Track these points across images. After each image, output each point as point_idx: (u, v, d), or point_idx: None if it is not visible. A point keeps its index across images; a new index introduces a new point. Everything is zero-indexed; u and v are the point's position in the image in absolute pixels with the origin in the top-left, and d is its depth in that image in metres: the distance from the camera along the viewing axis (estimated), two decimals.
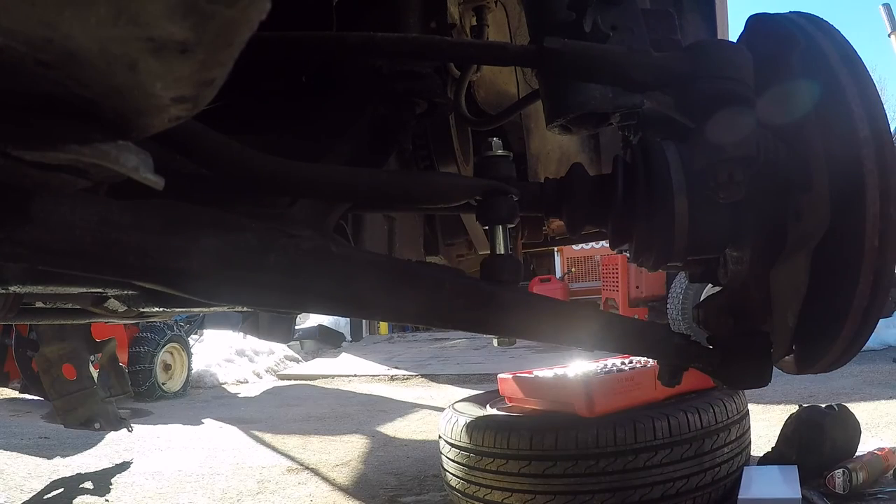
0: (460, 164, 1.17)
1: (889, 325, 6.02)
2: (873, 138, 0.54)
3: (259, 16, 0.26)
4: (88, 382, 2.54)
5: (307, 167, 0.61)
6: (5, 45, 0.25)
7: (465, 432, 2.00)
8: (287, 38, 0.69)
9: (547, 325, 0.60)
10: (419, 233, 1.33)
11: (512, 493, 1.86)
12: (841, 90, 0.55)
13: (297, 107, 0.93)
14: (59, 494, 2.68)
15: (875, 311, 0.55)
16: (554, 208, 0.72)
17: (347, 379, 6.61)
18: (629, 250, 0.71)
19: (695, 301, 5.52)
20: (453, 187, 0.66)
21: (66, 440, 3.58)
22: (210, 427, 4.25)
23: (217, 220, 0.49)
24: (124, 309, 1.05)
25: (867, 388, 4.16)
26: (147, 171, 0.34)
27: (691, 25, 1.40)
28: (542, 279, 9.27)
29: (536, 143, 1.71)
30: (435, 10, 1.01)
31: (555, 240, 2.34)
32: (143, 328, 5.50)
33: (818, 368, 0.62)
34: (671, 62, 0.62)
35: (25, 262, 0.45)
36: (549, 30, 0.64)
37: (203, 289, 0.48)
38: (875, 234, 0.53)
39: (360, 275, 0.53)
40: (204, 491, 2.74)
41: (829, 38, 0.59)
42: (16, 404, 4.81)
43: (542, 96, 0.68)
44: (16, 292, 0.73)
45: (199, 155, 0.55)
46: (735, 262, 0.68)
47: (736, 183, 0.56)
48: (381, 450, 3.39)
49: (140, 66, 0.27)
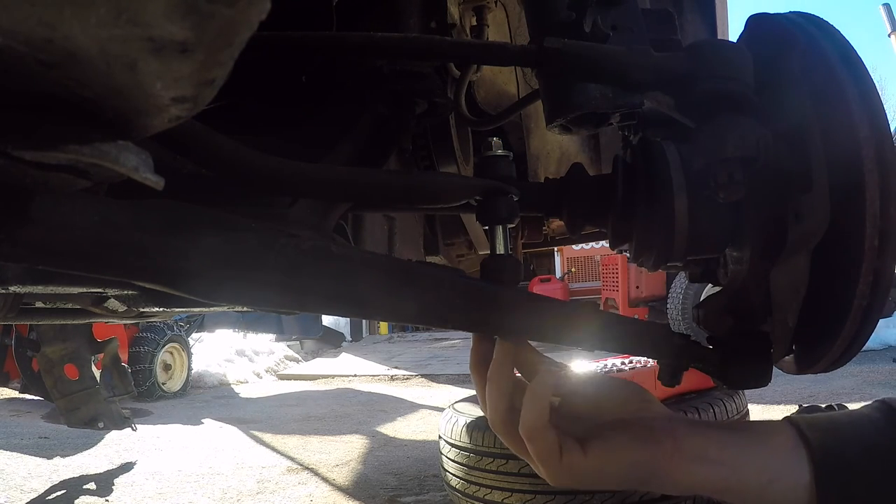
0: (460, 164, 1.17)
1: (889, 325, 6.03)
2: (873, 138, 0.54)
3: (259, 16, 0.26)
4: (91, 382, 2.54)
5: (307, 167, 0.61)
6: (5, 45, 0.25)
7: (465, 432, 2.00)
8: (287, 38, 0.69)
9: (547, 325, 0.60)
10: (419, 233, 1.34)
11: (512, 493, 1.86)
12: (841, 90, 0.55)
13: (297, 107, 0.93)
14: (61, 495, 2.69)
15: (875, 311, 0.55)
16: (554, 208, 0.71)
17: (347, 379, 6.61)
18: (629, 250, 0.71)
19: (695, 301, 5.52)
20: (453, 187, 0.66)
21: (65, 440, 3.58)
22: (210, 427, 4.25)
23: (217, 220, 0.49)
24: (124, 309, 1.05)
25: (867, 388, 4.16)
26: (147, 171, 0.34)
27: (691, 25, 1.40)
28: (542, 279, 9.28)
29: (536, 143, 1.71)
30: (435, 10, 1.01)
31: (555, 240, 2.34)
32: (143, 328, 5.51)
33: (818, 368, 0.62)
34: (671, 62, 0.62)
35: (25, 262, 0.45)
36: (549, 30, 0.64)
37: (203, 289, 0.48)
38: (875, 234, 0.53)
39: (360, 275, 0.53)
40: (204, 491, 2.74)
41: (829, 39, 0.59)
42: (16, 404, 4.81)
43: (542, 96, 0.68)
44: (16, 292, 0.73)
45: (198, 155, 0.55)
46: (735, 262, 0.68)
47: (736, 183, 0.56)
48: (381, 450, 3.39)
49: (140, 66, 0.27)
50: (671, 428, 0.55)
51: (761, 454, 0.54)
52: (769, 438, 0.55)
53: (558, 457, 0.54)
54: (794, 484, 0.52)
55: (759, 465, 0.53)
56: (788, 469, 0.53)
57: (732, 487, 0.53)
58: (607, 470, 0.54)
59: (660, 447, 0.54)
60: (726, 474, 0.53)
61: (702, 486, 0.54)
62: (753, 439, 0.55)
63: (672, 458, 0.53)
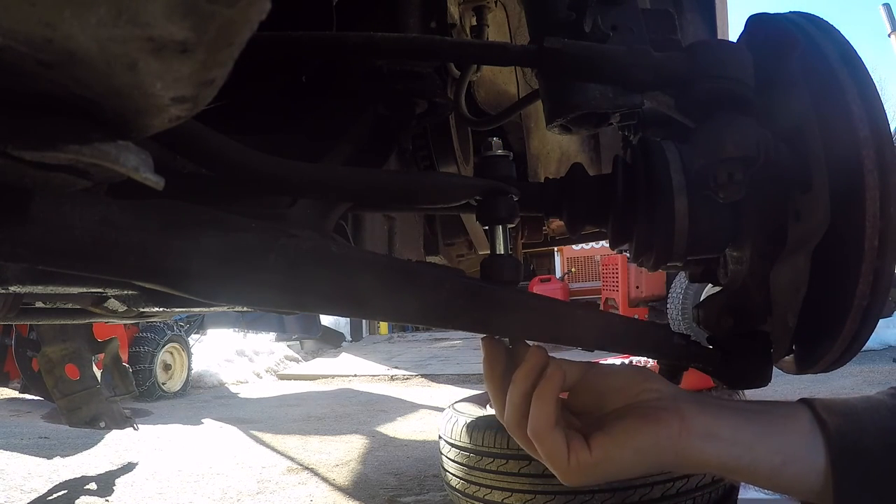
0: (460, 164, 1.17)
1: (889, 325, 6.02)
2: (873, 138, 0.54)
3: (259, 16, 0.26)
4: (92, 382, 2.54)
5: (307, 167, 0.61)
6: (5, 45, 0.25)
7: (465, 432, 2.00)
8: (287, 38, 0.69)
9: (547, 325, 0.60)
10: (419, 233, 1.34)
11: (512, 493, 1.86)
12: (841, 90, 0.55)
13: (296, 107, 0.93)
14: (61, 495, 2.69)
15: (875, 311, 0.55)
16: (554, 208, 0.71)
17: (347, 379, 6.61)
18: (629, 250, 0.71)
19: (695, 301, 5.52)
20: (453, 187, 0.66)
21: (65, 440, 3.58)
22: (210, 427, 4.25)
23: (217, 220, 0.49)
24: (124, 309, 1.05)
25: (867, 388, 4.16)
26: (147, 171, 0.34)
27: (691, 25, 1.40)
28: (542, 279, 9.27)
29: (536, 143, 1.71)
30: (435, 10, 1.01)
31: (555, 240, 2.34)
32: (143, 328, 5.50)
33: (818, 368, 0.62)
34: (671, 62, 0.62)
35: (25, 262, 0.45)
36: (549, 30, 0.64)
37: (203, 289, 0.48)
38: (875, 234, 0.53)
39: (360, 275, 0.53)
40: (204, 491, 2.74)
41: (829, 39, 0.59)
42: (16, 404, 4.81)
43: (542, 96, 0.68)
44: (16, 292, 0.73)
45: (199, 155, 0.55)
46: (735, 262, 0.68)
47: (736, 183, 0.56)
48: (381, 450, 3.39)
49: (140, 66, 0.27)
50: (677, 407, 0.54)
51: (776, 435, 0.53)
52: (784, 420, 0.55)
53: (566, 457, 0.53)
54: (808, 467, 0.52)
55: (773, 446, 0.53)
56: (803, 452, 0.52)
57: (745, 467, 0.53)
58: (614, 461, 0.53)
59: (665, 428, 0.53)
60: (739, 453, 0.53)
61: (713, 464, 0.53)
62: (768, 420, 0.54)
63: (680, 437, 0.53)
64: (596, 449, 0.53)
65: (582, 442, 0.54)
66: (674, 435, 0.53)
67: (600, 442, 0.54)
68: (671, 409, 0.54)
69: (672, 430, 0.53)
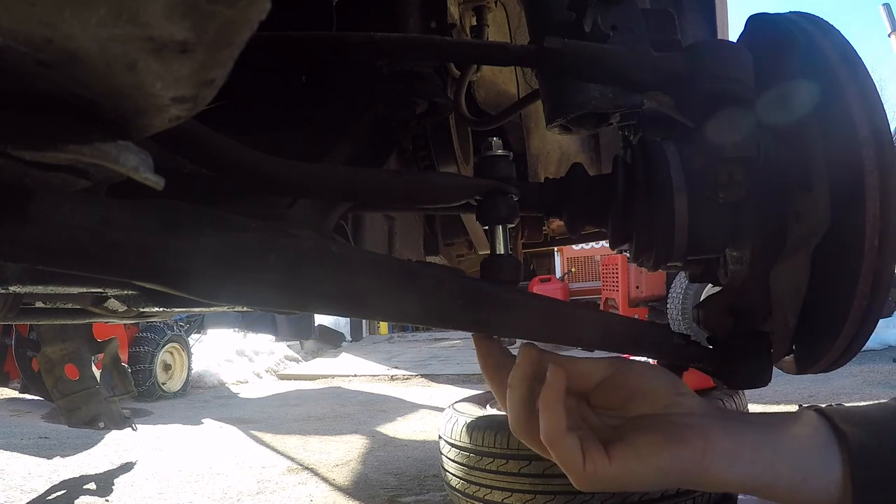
0: (460, 164, 1.17)
1: (889, 325, 6.03)
2: (873, 138, 0.54)
3: (259, 16, 0.26)
4: (91, 382, 2.54)
5: (307, 167, 0.61)
6: (5, 45, 0.25)
7: (465, 432, 2.00)
8: (287, 38, 0.69)
9: (547, 325, 0.60)
10: (419, 233, 1.34)
11: (512, 493, 1.86)
12: (841, 90, 0.55)
13: (296, 107, 0.93)
14: (61, 495, 2.68)
15: (875, 311, 0.55)
16: (554, 208, 0.71)
17: (347, 379, 6.61)
18: (629, 250, 0.71)
19: (695, 301, 5.52)
20: (453, 187, 0.66)
21: (65, 440, 3.58)
22: (210, 427, 4.25)
23: (217, 220, 0.49)
24: (124, 309, 1.05)
25: (867, 388, 4.16)
26: (147, 171, 0.34)
27: (691, 25, 1.40)
28: (542, 279, 9.27)
29: (536, 143, 1.71)
30: (435, 10, 1.01)
31: (555, 240, 2.34)
32: (142, 328, 5.50)
33: (818, 368, 0.62)
34: (671, 62, 0.62)
35: (25, 262, 0.45)
36: (549, 30, 0.64)
37: (203, 289, 0.48)
38: (875, 234, 0.53)
39: (361, 275, 0.53)
40: (204, 491, 2.74)
41: (828, 39, 0.59)
42: (16, 404, 4.81)
43: (542, 96, 0.68)
44: (16, 292, 0.73)
45: (198, 155, 0.55)
46: (735, 262, 0.68)
47: (736, 183, 0.56)
48: (381, 450, 3.39)
49: (140, 66, 0.27)
50: (703, 427, 0.53)
51: (795, 452, 0.53)
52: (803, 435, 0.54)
53: (581, 464, 0.52)
54: (826, 481, 0.51)
55: (793, 463, 0.52)
56: (821, 466, 0.52)
57: (765, 486, 0.52)
58: (635, 476, 0.52)
59: (689, 449, 0.52)
60: (759, 473, 0.52)
61: (734, 484, 0.53)
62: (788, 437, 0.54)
63: (704, 458, 0.52)
64: (617, 461, 0.52)
65: (600, 450, 0.52)
66: (697, 456, 0.52)
67: (622, 454, 0.52)
68: (697, 428, 0.53)
69: (696, 451, 0.52)
